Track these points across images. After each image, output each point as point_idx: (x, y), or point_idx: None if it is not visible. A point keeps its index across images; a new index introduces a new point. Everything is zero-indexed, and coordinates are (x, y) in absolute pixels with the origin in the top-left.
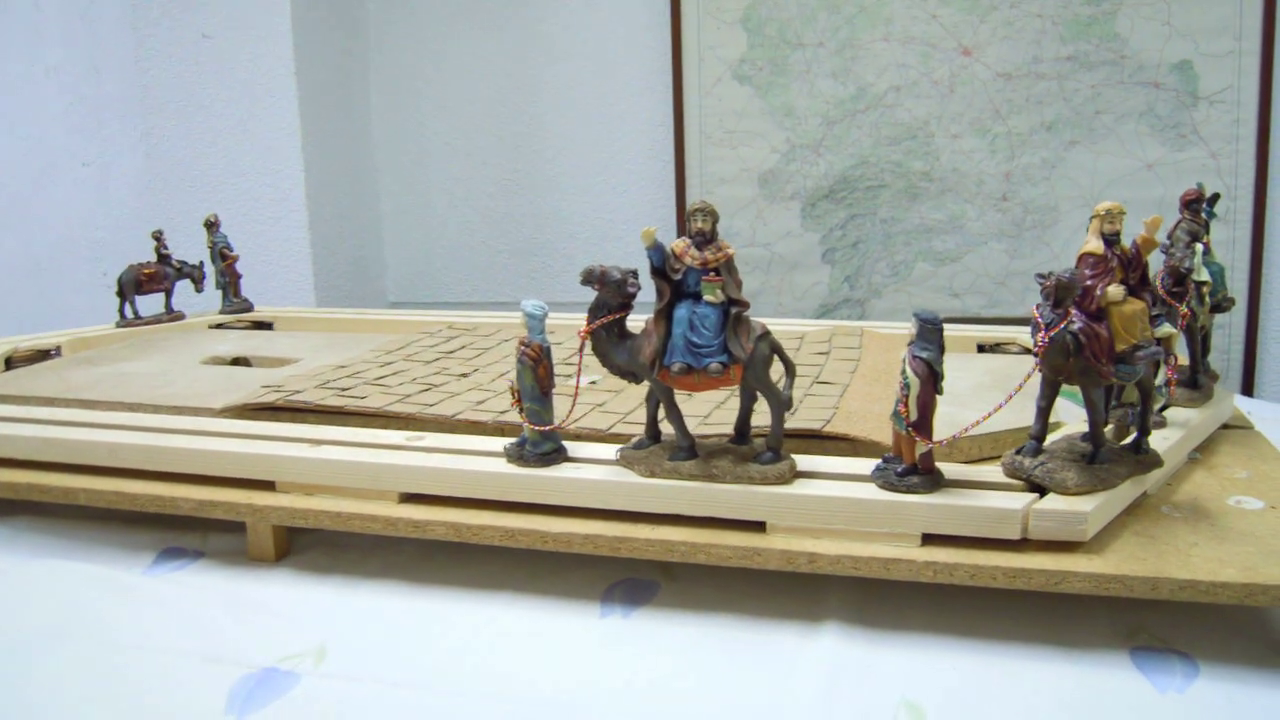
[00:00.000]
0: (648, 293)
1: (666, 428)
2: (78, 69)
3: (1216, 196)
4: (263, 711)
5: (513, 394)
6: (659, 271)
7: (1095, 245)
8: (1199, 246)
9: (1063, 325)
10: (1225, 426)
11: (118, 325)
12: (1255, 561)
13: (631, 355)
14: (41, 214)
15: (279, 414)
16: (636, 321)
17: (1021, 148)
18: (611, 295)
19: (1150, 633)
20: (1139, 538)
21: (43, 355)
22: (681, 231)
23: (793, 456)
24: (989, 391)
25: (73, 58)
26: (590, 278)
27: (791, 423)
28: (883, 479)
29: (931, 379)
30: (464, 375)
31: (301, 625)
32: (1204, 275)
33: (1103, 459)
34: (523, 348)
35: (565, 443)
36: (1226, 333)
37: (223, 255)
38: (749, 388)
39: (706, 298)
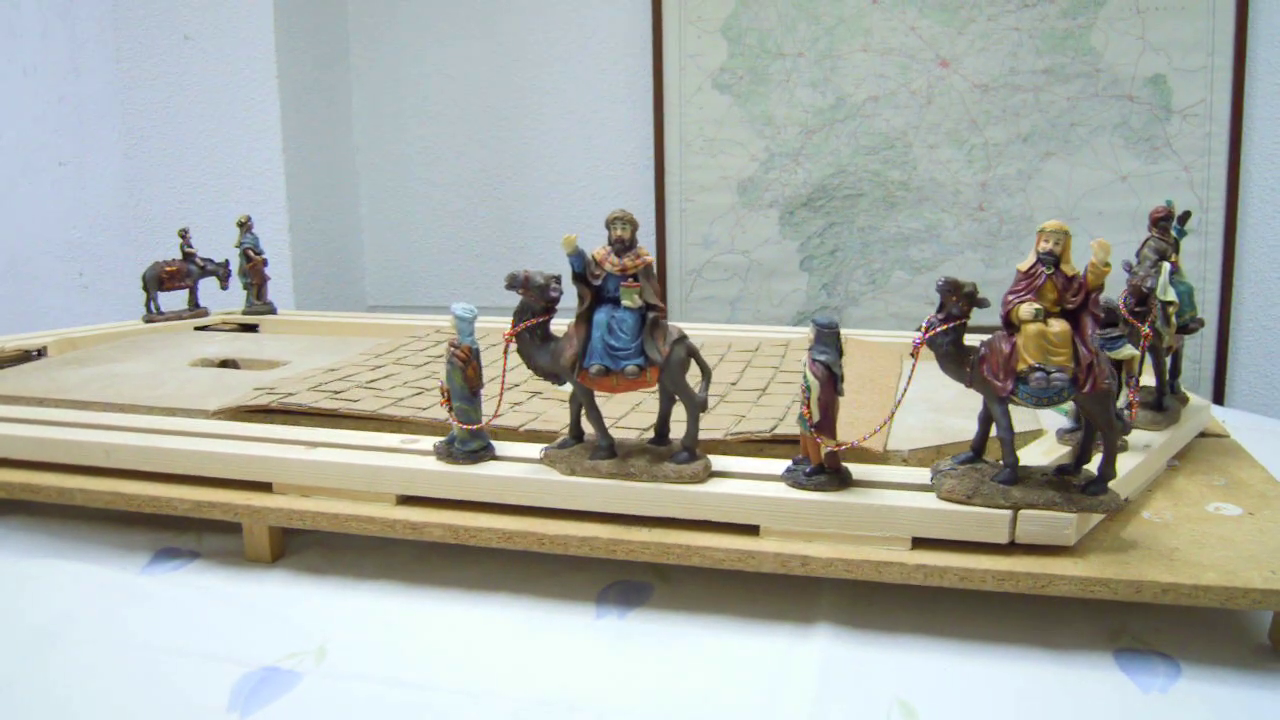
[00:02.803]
0: (571, 298)
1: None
2: (57, 69)
3: (1188, 215)
4: (266, 709)
5: (442, 393)
6: (580, 277)
7: (1026, 260)
8: (1166, 266)
9: (940, 330)
10: (1203, 435)
11: (144, 320)
12: (1235, 566)
13: (554, 358)
14: (17, 214)
15: (272, 416)
16: (560, 326)
17: (998, 158)
18: (535, 299)
19: (1133, 634)
20: (1123, 542)
21: (27, 356)
22: (660, 238)
23: (708, 457)
24: (967, 398)
25: (52, 57)
26: (514, 282)
27: (780, 429)
28: (791, 479)
29: (831, 381)
30: None
31: (301, 625)
32: (1170, 295)
33: (1004, 479)
34: (452, 349)
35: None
36: (1198, 343)
37: (248, 256)
38: (666, 390)
39: (625, 303)
